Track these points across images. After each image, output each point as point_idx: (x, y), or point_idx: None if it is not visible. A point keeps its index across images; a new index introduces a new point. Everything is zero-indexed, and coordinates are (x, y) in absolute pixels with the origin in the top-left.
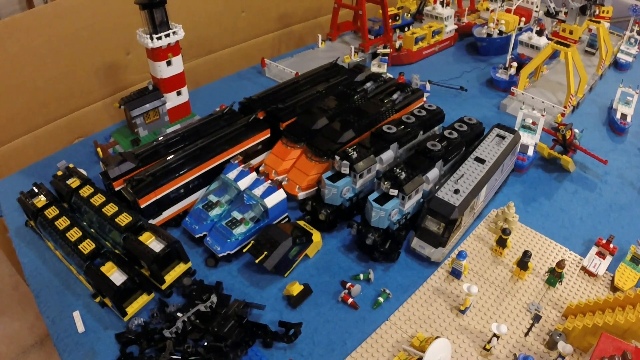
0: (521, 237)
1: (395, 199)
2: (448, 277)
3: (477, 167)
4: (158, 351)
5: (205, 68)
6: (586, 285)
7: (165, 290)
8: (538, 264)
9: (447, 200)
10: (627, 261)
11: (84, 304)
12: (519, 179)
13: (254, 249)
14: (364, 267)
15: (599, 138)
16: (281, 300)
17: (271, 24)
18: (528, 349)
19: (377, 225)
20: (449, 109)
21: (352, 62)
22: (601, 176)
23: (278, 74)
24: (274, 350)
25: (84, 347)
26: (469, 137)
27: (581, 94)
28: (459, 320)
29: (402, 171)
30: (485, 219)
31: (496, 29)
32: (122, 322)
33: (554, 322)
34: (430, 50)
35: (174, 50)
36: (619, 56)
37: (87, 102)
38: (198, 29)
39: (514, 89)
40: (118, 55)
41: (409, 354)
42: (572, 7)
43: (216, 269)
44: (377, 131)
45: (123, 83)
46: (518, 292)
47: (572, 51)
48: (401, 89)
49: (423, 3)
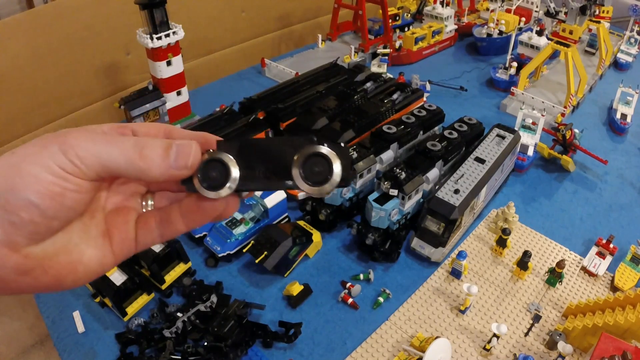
0: (521, 237)
1: (395, 199)
2: (448, 277)
3: (477, 167)
4: (158, 351)
5: (205, 68)
6: (586, 285)
7: (165, 290)
8: (538, 264)
9: (447, 200)
10: (627, 261)
11: (84, 304)
12: (519, 179)
13: (254, 249)
14: (364, 267)
15: (599, 138)
16: (281, 300)
17: (271, 24)
18: (528, 349)
19: (377, 225)
20: (449, 109)
21: (352, 62)
22: (601, 176)
23: (278, 74)
24: (274, 350)
25: (84, 347)
26: (469, 137)
27: (581, 94)
28: (459, 320)
29: (402, 171)
30: (485, 219)
31: (496, 29)
32: (122, 322)
33: (554, 322)
34: (430, 50)
35: (174, 50)
36: (619, 56)
37: (87, 102)
38: (198, 29)
39: (514, 89)
40: (118, 55)
41: (409, 354)
42: (572, 7)
43: (216, 269)
44: (377, 131)
45: (123, 83)
46: (518, 292)
47: (572, 51)
48: (401, 89)
49: (423, 3)
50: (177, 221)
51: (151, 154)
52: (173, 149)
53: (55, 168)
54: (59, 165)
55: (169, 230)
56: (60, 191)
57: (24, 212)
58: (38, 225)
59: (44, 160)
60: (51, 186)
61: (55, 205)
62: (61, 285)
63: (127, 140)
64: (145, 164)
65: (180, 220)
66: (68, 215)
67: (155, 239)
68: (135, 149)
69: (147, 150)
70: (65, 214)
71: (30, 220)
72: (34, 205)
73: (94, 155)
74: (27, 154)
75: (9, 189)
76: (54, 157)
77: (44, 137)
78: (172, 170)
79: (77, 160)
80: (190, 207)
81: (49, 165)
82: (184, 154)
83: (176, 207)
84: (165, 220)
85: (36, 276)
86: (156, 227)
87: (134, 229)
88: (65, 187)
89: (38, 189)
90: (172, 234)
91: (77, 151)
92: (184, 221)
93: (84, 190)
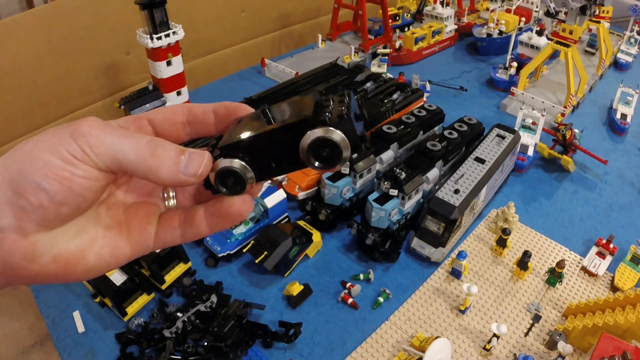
0: (521, 237)
1: (395, 199)
2: (448, 277)
3: (477, 167)
4: (158, 351)
5: (205, 68)
6: (586, 285)
7: (165, 290)
8: (538, 264)
9: (447, 200)
10: (627, 261)
11: (84, 304)
12: (519, 179)
13: (254, 249)
14: (364, 267)
15: (599, 138)
16: (281, 300)
17: (271, 24)
18: (528, 349)
19: (377, 225)
20: (449, 109)
21: (352, 62)
22: (601, 176)
23: (278, 74)
24: (274, 350)
25: (84, 347)
26: (469, 137)
27: (581, 94)
28: (459, 320)
29: (402, 171)
30: (485, 219)
31: (496, 29)
32: (122, 322)
33: (554, 322)
34: (430, 50)
35: (174, 50)
36: (619, 56)
37: (87, 102)
38: (198, 29)
39: (514, 89)
40: (118, 55)
41: (409, 354)
42: (572, 7)
43: (216, 269)
44: (377, 131)
45: (123, 83)
46: (518, 292)
47: (572, 51)
48: (401, 89)
49: (423, 3)
50: (201, 223)
51: (163, 155)
52: (185, 155)
53: (65, 153)
54: (68, 151)
55: (191, 232)
56: (68, 176)
57: (32, 195)
58: (47, 210)
59: (55, 146)
60: (59, 171)
61: (64, 190)
62: (71, 274)
63: (142, 138)
64: (155, 163)
65: (205, 222)
66: (77, 201)
67: (176, 239)
68: (148, 146)
69: (160, 150)
70: (74, 200)
71: (39, 205)
72: (42, 188)
73: (105, 145)
74: (40, 140)
75: (20, 173)
76: (64, 143)
77: (60, 126)
78: (180, 175)
79: (88, 148)
80: (215, 211)
81: (58, 150)
82: (195, 162)
83: (201, 208)
84: (189, 221)
85: (45, 264)
86: (179, 226)
87: (155, 223)
88: (73, 173)
89: (46, 173)
90: (194, 236)
91: (88, 139)
92: (208, 224)
93: (93, 178)
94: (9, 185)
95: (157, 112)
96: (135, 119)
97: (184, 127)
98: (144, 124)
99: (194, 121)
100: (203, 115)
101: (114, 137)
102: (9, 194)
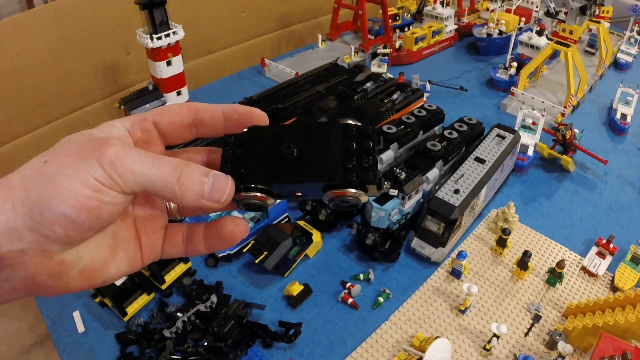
0: (521, 237)
1: (395, 199)
2: (448, 277)
3: (477, 167)
4: (158, 351)
5: (205, 68)
6: (586, 285)
7: (165, 290)
8: (538, 264)
9: (447, 200)
10: (627, 261)
11: (84, 304)
12: (519, 179)
13: (254, 249)
14: (364, 267)
15: (599, 138)
16: (281, 300)
17: (271, 24)
18: (528, 349)
19: (377, 225)
20: (449, 109)
21: (352, 62)
22: (601, 176)
23: (278, 74)
24: (274, 350)
25: (84, 347)
26: (469, 137)
27: (581, 94)
28: (459, 320)
29: (402, 171)
30: (485, 219)
31: (496, 29)
32: (122, 322)
33: (554, 322)
34: (430, 50)
35: (174, 50)
36: (619, 56)
37: (87, 102)
38: (198, 29)
39: (514, 89)
40: (118, 55)
41: (409, 354)
42: (572, 7)
43: (216, 269)
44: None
45: (123, 83)
46: (518, 292)
47: (572, 51)
48: (401, 89)
49: (423, 3)
50: (199, 242)
51: (188, 182)
52: (210, 180)
53: (92, 181)
54: (96, 178)
55: (191, 249)
56: (97, 205)
57: (58, 226)
58: (72, 237)
59: (81, 173)
60: (88, 200)
61: (92, 219)
62: (92, 285)
63: (168, 163)
64: (181, 191)
65: (202, 242)
66: (103, 226)
67: (179, 253)
68: (174, 173)
69: (185, 179)
70: (101, 225)
71: (64, 235)
72: (70, 219)
73: (132, 172)
74: (63, 165)
75: (44, 202)
76: (91, 169)
77: (80, 147)
78: (204, 201)
79: (116, 175)
80: (212, 232)
81: (85, 177)
82: (219, 190)
83: (201, 227)
84: (190, 238)
85: (71, 278)
86: (182, 241)
87: (162, 238)
88: (102, 200)
89: (74, 204)
90: (194, 252)
91: (116, 167)
92: (205, 244)
93: (119, 202)
94: (29, 213)
95: (163, 113)
96: (141, 120)
97: (190, 129)
98: (150, 127)
99: (201, 124)
100: (212, 119)
101: (141, 165)
102: (28, 221)
